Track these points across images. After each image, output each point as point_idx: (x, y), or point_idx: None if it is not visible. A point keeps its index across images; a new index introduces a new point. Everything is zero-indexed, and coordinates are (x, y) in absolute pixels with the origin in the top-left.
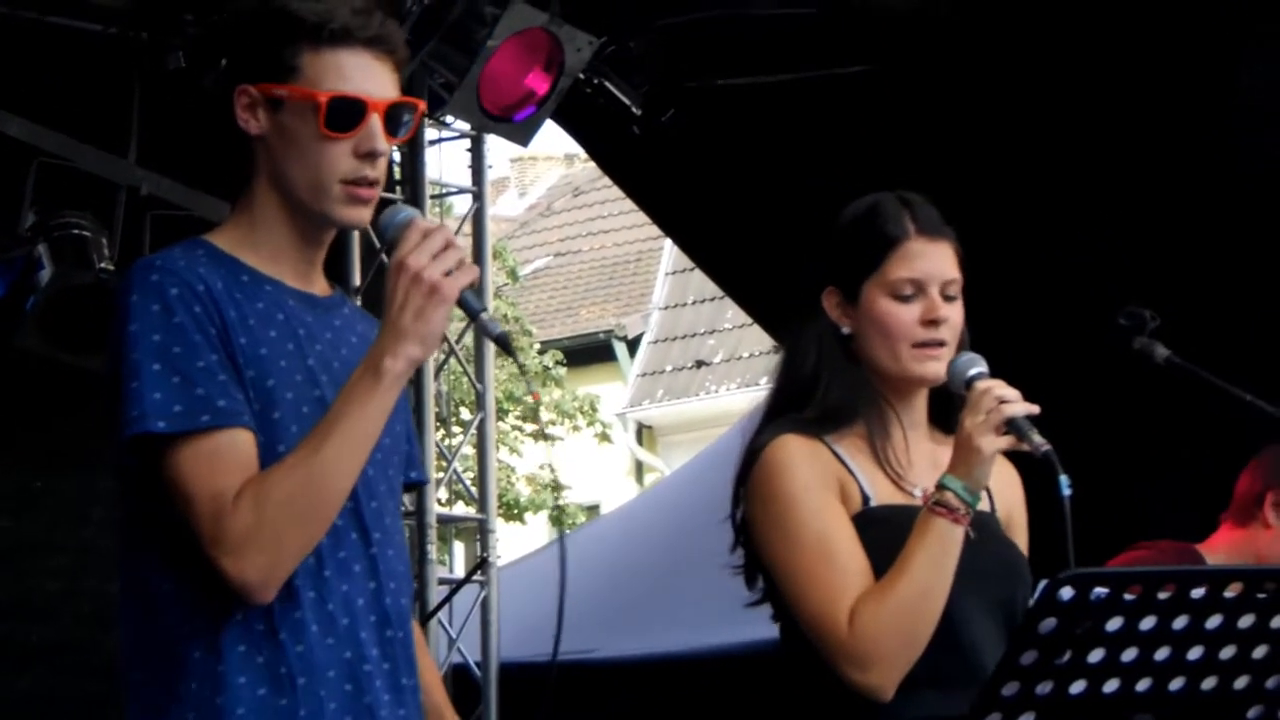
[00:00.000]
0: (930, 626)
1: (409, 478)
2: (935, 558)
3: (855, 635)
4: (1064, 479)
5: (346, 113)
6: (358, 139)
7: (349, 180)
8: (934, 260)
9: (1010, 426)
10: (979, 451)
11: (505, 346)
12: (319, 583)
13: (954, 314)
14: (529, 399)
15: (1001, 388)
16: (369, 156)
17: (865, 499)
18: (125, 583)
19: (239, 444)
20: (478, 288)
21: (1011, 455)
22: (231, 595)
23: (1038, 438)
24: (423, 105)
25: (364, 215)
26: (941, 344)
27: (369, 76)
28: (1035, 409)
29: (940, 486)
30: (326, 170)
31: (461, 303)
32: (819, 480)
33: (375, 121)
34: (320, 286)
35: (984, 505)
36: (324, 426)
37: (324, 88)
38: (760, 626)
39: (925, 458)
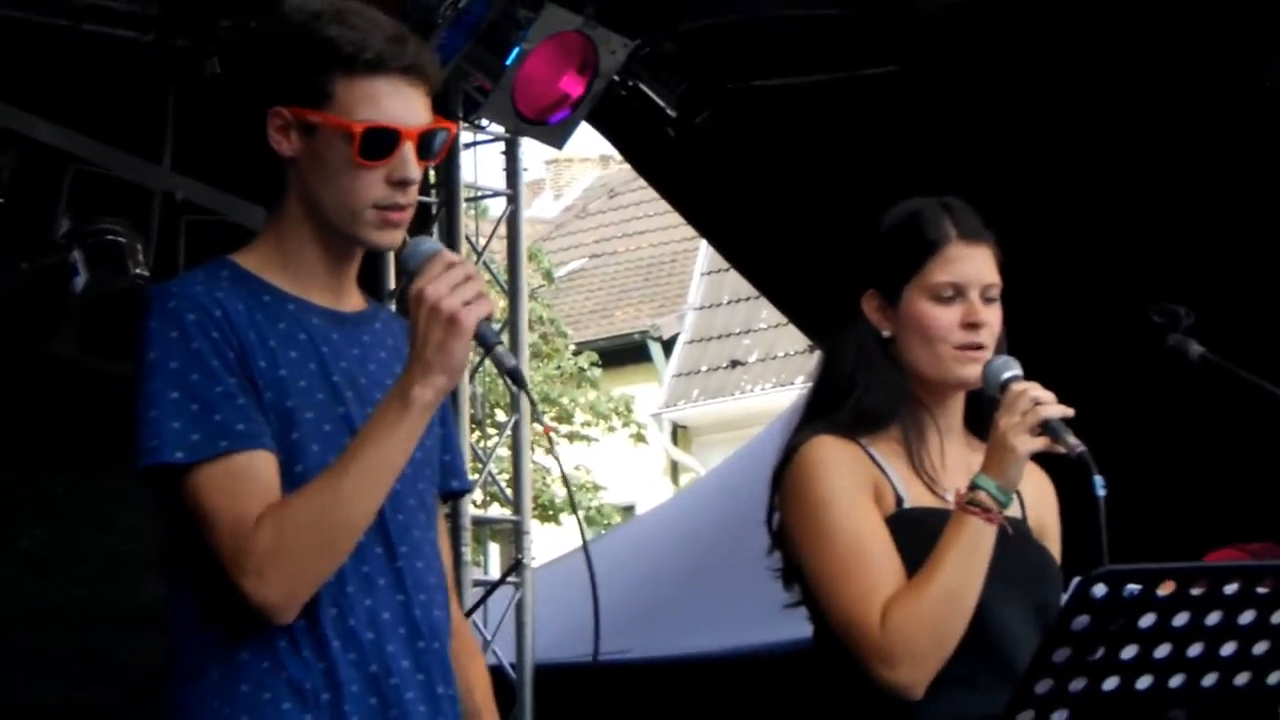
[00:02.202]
0: (962, 625)
1: (450, 487)
2: (967, 557)
3: (887, 634)
4: (1098, 479)
5: (380, 142)
6: (391, 167)
7: (381, 206)
8: (974, 264)
9: (1045, 428)
10: (1014, 451)
11: (518, 380)
12: (340, 599)
13: (993, 317)
14: (564, 401)
15: (1037, 389)
16: (401, 184)
17: (899, 500)
18: (165, 599)
19: (259, 466)
20: (493, 319)
21: (1045, 457)
22: (253, 615)
23: (1073, 439)
24: (454, 128)
25: (396, 238)
26: (981, 347)
27: (402, 104)
28: (1070, 411)
29: (973, 486)
30: (359, 197)
31: (478, 334)
32: (853, 481)
33: (408, 150)
34: (352, 302)
35: (1015, 511)
36: (349, 454)
37: (358, 116)
38: (796, 626)
39: (960, 463)
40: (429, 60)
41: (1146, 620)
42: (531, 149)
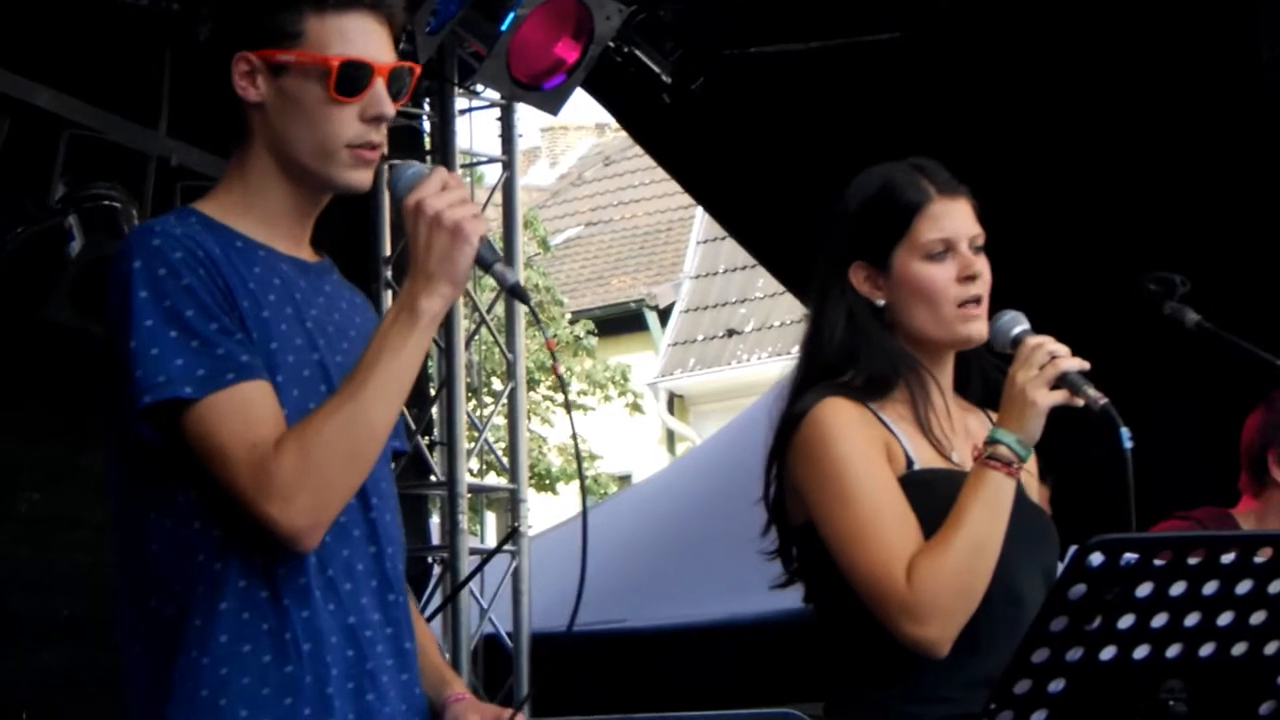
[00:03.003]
0: (986, 579)
1: (391, 445)
2: (990, 511)
3: (914, 589)
4: (1125, 431)
5: (355, 77)
6: (365, 103)
7: (355, 145)
8: (958, 218)
9: (1064, 381)
10: (1034, 405)
11: (521, 297)
12: (320, 548)
13: (984, 267)
14: (561, 367)
15: (1053, 343)
16: (375, 120)
17: (909, 462)
18: (121, 551)
19: (267, 396)
20: (489, 242)
21: (1060, 412)
22: (235, 564)
23: (1093, 391)
24: (418, 68)
25: (367, 178)
26: (979, 300)
27: (372, 40)
28: (1087, 365)
29: (992, 440)
30: (334, 135)
31: (476, 254)
32: (868, 441)
33: (381, 85)
34: (308, 254)
35: None
36: (361, 370)
37: (331, 52)
38: (791, 595)
39: (960, 424)
40: None
41: (1143, 589)
42: (528, 116)
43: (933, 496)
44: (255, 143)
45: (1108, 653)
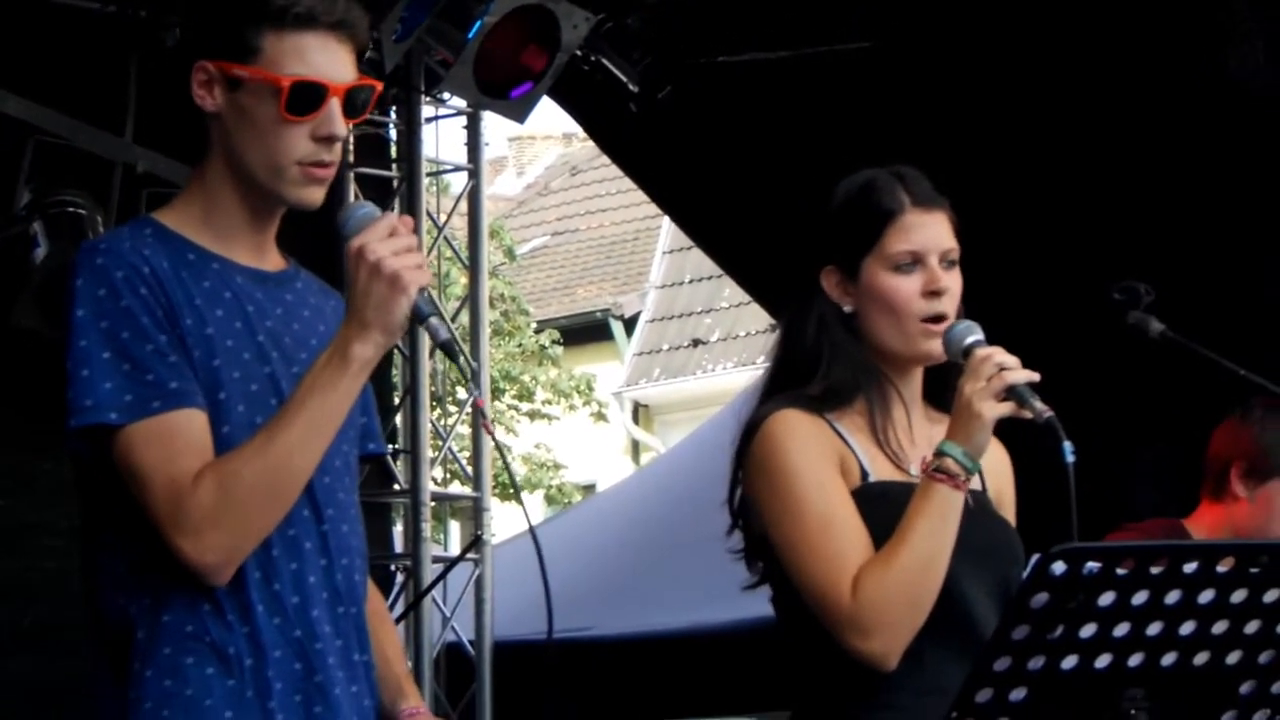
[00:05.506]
0: (933, 593)
1: (366, 450)
2: (936, 524)
3: (859, 603)
4: (1068, 445)
5: (307, 97)
6: (317, 123)
7: (305, 162)
8: (931, 231)
9: (1011, 393)
10: (979, 417)
11: (450, 353)
12: (265, 562)
13: (954, 283)
14: (525, 379)
15: (1001, 354)
16: (327, 140)
17: (864, 475)
18: (84, 564)
19: (193, 425)
20: (428, 295)
21: (1010, 424)
22: (179, 577)
23: (1039, 404)
24: (379, 86)
25: (318, 195)
26: (943, 316)
27: (330, 60)
28: (1036, 376)
29: (939, 453)
30: (284, 153)
31: (413, 305)
32: (819, 454)
33: (335, 105)
34: (273, 261)
35: (975, 483)
36: (289, 410)
37: (285, 71)
38: (754, 604)
39: (924, 437)
40: (358, 17)
41: (1106, 598)
42: (495, 126)
43: (887, 509)
44: (213, 152)
45: (1069, 661)
